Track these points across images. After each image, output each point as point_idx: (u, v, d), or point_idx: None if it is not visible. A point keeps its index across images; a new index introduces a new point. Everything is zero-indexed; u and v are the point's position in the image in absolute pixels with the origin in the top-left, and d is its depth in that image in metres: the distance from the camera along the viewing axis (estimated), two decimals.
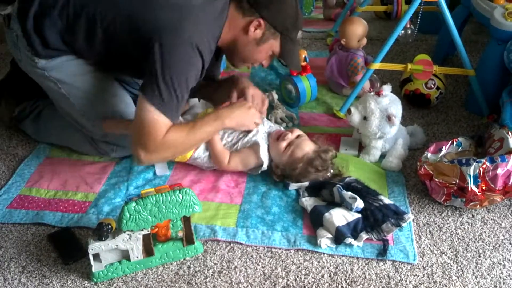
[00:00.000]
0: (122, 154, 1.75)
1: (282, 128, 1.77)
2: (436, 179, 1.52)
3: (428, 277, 1.33)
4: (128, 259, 1.32)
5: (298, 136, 1.66)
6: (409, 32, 2.27)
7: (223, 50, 1.65)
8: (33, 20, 1.51)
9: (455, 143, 1.69)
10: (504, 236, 1.46)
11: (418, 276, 1.33)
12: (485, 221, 1.52)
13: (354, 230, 1.43)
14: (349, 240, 1.40)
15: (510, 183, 1.46)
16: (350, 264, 1.37)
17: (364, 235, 1.42)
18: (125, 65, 1.58)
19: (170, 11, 1.42)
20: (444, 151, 1.66)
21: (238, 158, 1.65)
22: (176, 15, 1.41)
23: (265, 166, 1.64)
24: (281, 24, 1.52)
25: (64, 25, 1.50)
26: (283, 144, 1.62)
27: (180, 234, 1.39)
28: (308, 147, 1.61)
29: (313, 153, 1.60)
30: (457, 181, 1.49)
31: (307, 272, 1.35)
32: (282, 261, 1.38)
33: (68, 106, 1.66)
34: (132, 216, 1.24)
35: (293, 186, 1.62)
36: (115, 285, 1.31)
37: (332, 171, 1.63)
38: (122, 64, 1.58)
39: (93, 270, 1.30)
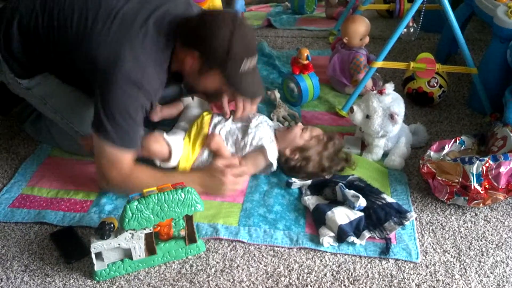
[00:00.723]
0: None
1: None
2: (439, 178, 1.52)
3: (431, 275, 1.33)
4: (130, 258, 1.32)
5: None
6: (412, 30, 2.27)
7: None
8: (3, 41, 1.57)
9: (458, 141, 1.68)
10: (507, 234, 1.46)
11: (421, 274, 1.33)
12: (488, 219, 1.51)
13: (357, 228, 1.43)
14: (352, 238, 1.39)
15: None
16: (352, 263, 1.37)
17: (366, 234, 1.42)
18: (83, 86, 1.63)
19: (108, 47, 1.44)
20: (447, 149, 1.66)
21: (249, 162, 1.64)
22: (114, 51, 1.43)
23: (274, 167, 1.65)
24: (213, 58, 1.48)
25: (25, 41, 1.55)
26: (299, 128, 1.68)
27: (182, 232, 1.38)
28: (320, 130, 1.72)
29: (328, 138, 1.69)
30: (460, 179, 1.48)
31: (310, 270, 1.35)
32: (285, 260, 1.38)
33: (58, 120, 1.69)
34: (134, 215, 1.24)
35: (295, 185, 1.62)
36: (117, 284, 1.31)
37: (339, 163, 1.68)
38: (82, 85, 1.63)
39: (96, 269, 1.30)
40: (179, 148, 1.61)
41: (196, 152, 1.64)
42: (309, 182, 1.61)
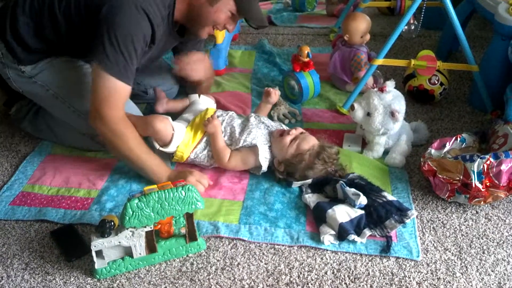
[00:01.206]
0: None
1: (284, 126, 1.77)
2: (440, 175, 1.52)
3: (431, 273, 1.33)
4: (131, 255, 1.32)
5: (302, 133, 1.67)
6: (413, 27, 2.26)
7: (185, 25, 1.70)
8: (9, 29, 1.60)
9: (459, 139, 1.68)
10: (508, 232, 1.46)
11: (422, 272, 1.33)
12: (489, 217, 1.51)
13: (357, 226, 1.43)
14: (352, 236, 1.39)
15: None
16: (353, 261, 1.36)
17: (367, 232, 1.41)
18: (85, 45, 1.61)
19: None
20: (447, 147, 1.66)
21: (239, 157, 1.65)
22: None
23: (264, 169, 1.64)
24: None
25: (34, 21, 1.58)
26: (288, 138, 1.62)
27: (183, 230, 1.38)
28: (313, 141, 1.62)
29: (319, 147, 1.61)
30: (461, 177, 1.48)
31: (310, 268, 1.34)
32: (285, 258, 1.38)
33: (62, 109, 1.69)
34: (134, 213, 1.24)
35: (296, 184, 1.61)
36: (118, 281, 1.31)
37: (336, 167, 1.62)
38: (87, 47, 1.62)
39: (96, 266, 1.30)
40: (181, 134, 1.64)
41: (196, 141, 1.66)
42: (309, 180, 1.60)
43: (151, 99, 1.97)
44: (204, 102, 1.86)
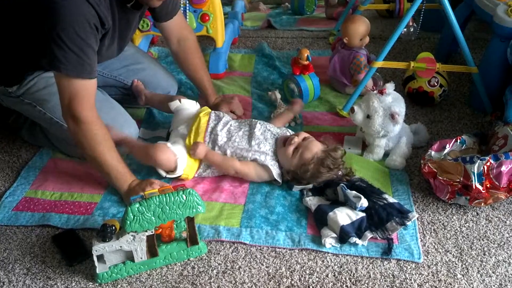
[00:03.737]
0: None
1: (288, 130, 1.77)
2: (440, 177, 1.52)
3: (433, 275, 1.33)
4: (132, 260, 1.32)
5: (304, 139, 1.62)
6: (412, 30, 2.27)
7: None
8: None
9: (458, 141, 1.68)
10: (509, 234, 1.46)
11: (423, 274, 1.33)
12: (489, 219, 1.51)
13: (359, 229, 1.43)
14: (354, 239, 1.39)
15: None
16: (354, 263, 1.37)
17: (368, 234, 1.42)
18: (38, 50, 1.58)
19: None
20: (447, 149, 1.66)
21: (253, 168, 1.62)
22: None
23: (280, 182, 1.63)
24: None
25: None
26: (291, 148, 1.59)
27: (184, 234, 1.38)
28: (316, 147, 1.58)
29: (323, 153, 1.57)
30: (461, 179, 1.48)
31: (312, 271, 1.35)
32: (287, 261, 1.38)
33: (51, 124, 1.69)
34: (135, 217, 1.24)
35: (297, 188, 1.61)
36: (119, 286, 1.32)
37: (343, 170, 1.60)
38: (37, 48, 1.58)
39: (98, 271, 1.30)
40: (184, 158, 1.60)
41: (198, 160, 1.64)
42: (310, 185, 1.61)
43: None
44: (188, 106, 1.79)
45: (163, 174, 1.60)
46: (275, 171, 1.61)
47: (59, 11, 1.37)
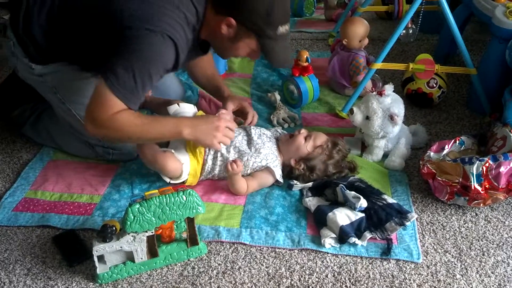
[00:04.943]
0: (120, 157, 1.76)
1: (278, 131, 1.80)
2: (439, 178, 1.53)
3: (432, 275, 1.33)
4: (132, 260, 1.33)
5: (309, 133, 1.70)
6: (411, 31, 2.28)
7: (210, 43, 1.63)
8: (22, 24, 1.52)
9: (457, 141, 1.69)
10: (508, 234, 1.46)
11: (422, 275, 1.33)
12: (488, 219, 1.52)
13: (358, 229, 1.43)
14: (353, 239, 1.40)
15: None
16: (354, 264, 1.37)
17: (368, 234, 1.42)
18: (97, 61, 1.54)
19: (137, 2, 1.41)
20: (446, 150, 1.66)
21: (256, 183, 1.62)
22: (145, 6, 1.40)
23: (282, 182, 1.64)
24: (252, 23, 1.47)
25: (48, 24, 1.52)
26: (302, 136, 1.67)
27: (184, 235, 1.39)
28: (325, 136, 1.69)
29: (332, 139, 1.68)
30: (460, 179, 1.49)
31: (311, 272, 1.35)
32: (286, 261, 1.38)
33: (65, 111, 1.67)
34: (136, 218, 1.25)
35: (297, 187, 1.62)
36: (120, 286, 1.32)
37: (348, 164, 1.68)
38: (95, 59, 1.55)
39: (98, 271, 1.31)
40: (187, 163, 1.60)
41: (200, 162, 1.63)
42: (310, 184, 1.61)
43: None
44: (186, 109, 1.76)
45: (167, 180, 1.59)
46: (278, 172, 1.62)
47: (148, 49, 1.37)
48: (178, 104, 1.75)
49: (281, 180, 1.63)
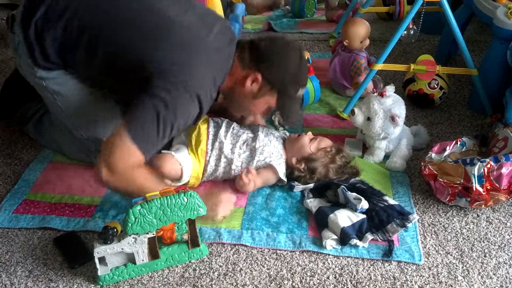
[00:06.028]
0: None
1: (286, 133, 1.79)
2: (441, 179, 1.52)
3: (433, 277, 1.33)
4: (133, 262, 1.33)
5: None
6: (412, 32, 2.27)
7: (222, 93, 1.62)
8: (34, 28, 1.47)
9: (459, 143, 1.69)
10: (509, 235, 1.46)
11: (424, 276, 1.33)
12: (490, 220, 1.52)
13: (359, 231, 1.43)
14: (354, 241, 1.40)
15: None
16: (355, 265, 1.37)
17: (369, 236, 1.42)
18: (116, 90, 1.56)
19: (174, 51, 1.39)
20: (448, 151, 1.66)
21: (260, 180, 1.63)
22: (182, 56, 1.39)
23: (285, 181, 1.64)
24: (279, 81, 1.50)
25: (66, 39, 1.47)
26: (308, 137, 1.68)
27: (185, 237, 1.39)
28: (329, 141, 1.70)
29: (337, 145, 1.70)
30: (462, 181, 1.48)
31: (313, 273, 1.35)
32: (287, 263, 1.38)
33: (63, 118, 1.66)
34: (137, 219, 1.25)
35: (298, 188, 1.62)
36: None
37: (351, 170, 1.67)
38: (114, 88, 1.56)
39: (99, 273, 1.31)
40: (189, 165, 1.59)
41: (202, 164, 1.62)
42: (311, 185, 1.61)
43: None
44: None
45: (169, 182, 1.57)
46: (281, 170, 1.62)
47: (175, 105, 1.36)
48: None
49: (284, 178, 1.63)
